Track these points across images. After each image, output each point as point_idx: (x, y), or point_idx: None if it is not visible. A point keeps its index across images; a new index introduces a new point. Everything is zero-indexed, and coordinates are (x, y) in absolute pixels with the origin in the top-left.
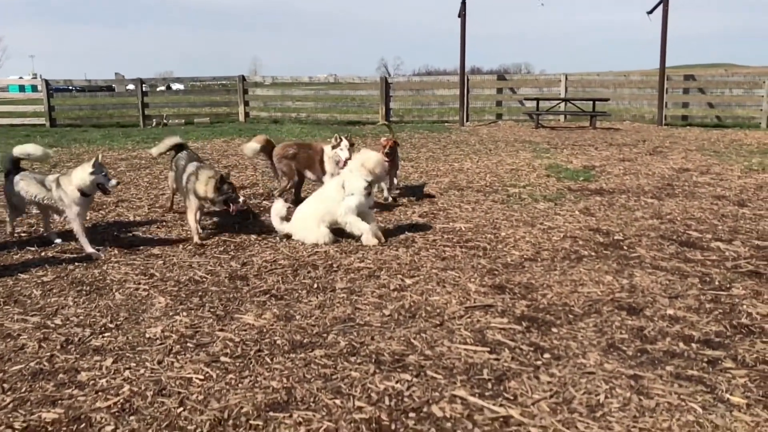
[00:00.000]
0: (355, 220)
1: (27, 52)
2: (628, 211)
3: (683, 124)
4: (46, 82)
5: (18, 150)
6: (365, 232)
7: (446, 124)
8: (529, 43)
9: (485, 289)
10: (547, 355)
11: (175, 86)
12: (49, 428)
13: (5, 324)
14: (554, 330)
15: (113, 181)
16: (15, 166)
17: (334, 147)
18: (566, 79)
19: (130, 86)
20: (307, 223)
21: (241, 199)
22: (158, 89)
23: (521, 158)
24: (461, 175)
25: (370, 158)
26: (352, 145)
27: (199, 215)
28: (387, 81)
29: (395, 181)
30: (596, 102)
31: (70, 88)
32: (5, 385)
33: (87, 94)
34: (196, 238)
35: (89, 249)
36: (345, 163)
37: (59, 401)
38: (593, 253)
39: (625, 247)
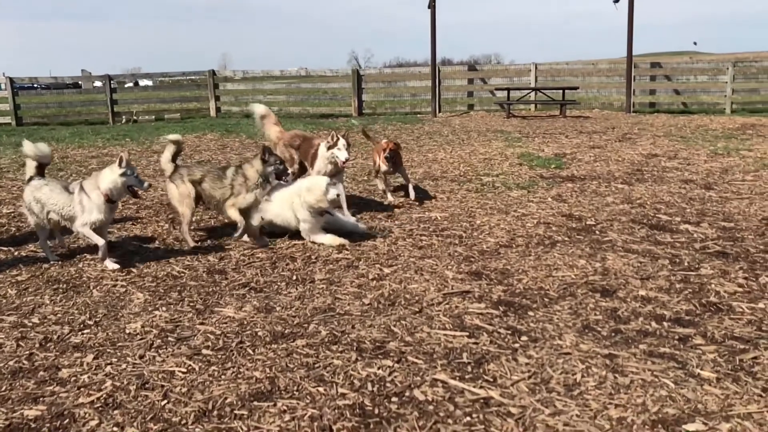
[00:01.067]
0: (310, 230)
1: None
2: (599, 196)
3: (651, 111)
4: (11, 80)
5: (30, 149)
6: (324, 241)
7: (419, 115)
8: (498, 33)
9: (462, 276)
10: (524, 338)
11: (143, 82)
12: (32, 425)
13: None
14: (530, 313)
15: (146, 183)
16: (38, 170)
17: (329, 146)
18: (536, 68)
19: (98, 83)
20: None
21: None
22: (126, 85)
23: (494, 148)
24: (435, 165)
25: (313, 190)
26: (349, 145)
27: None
28: (359, 73)
29: (410, 185)
30: (566, 91)
31: (35, 86)
32: None
33: (53, 92)
34: (191, 243)
35: (111, 265)
36: (344, 164)
37: (41, 398)
38: (566, 239)
39: (597, 232)
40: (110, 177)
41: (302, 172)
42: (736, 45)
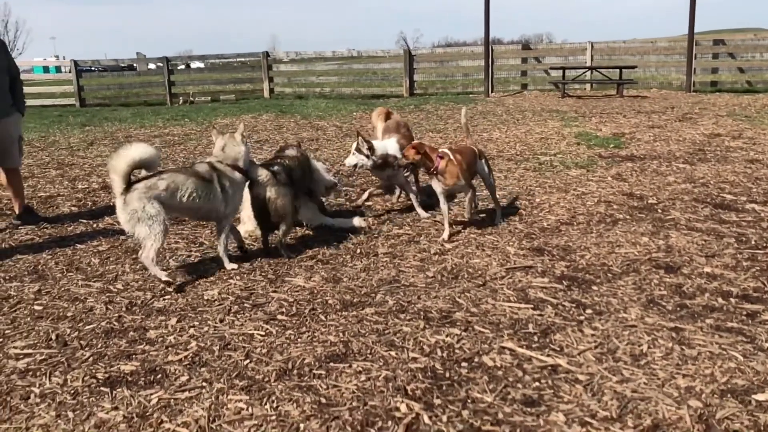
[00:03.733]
0: None
1: (48, 34)
2: (660, 176)
3: (712, 90)
4: (75, 62)
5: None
6: None
7: (471, 95)
8: (550, 12)
9: (524, 252)
10: (589, 311)
11: (195, 64)
12: (129, 378)
13: (72, 289)
14: (594, 288)
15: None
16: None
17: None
18: (592, 47)
19: (152, 65)
20: None
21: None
22: (179, 68)
23: (550, 127)
24: (491, 144)
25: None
26: (364, 149)
27: None
28: (410, 53)
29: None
30: (623, 70)
31: (93, 68)
32: (82, 342)
33: (112, 74)
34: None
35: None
36: (350, 169)
37: (134, 355)
38: (628, 217)
39: (659, 211)
40: (237, 149)
41: None
42: None
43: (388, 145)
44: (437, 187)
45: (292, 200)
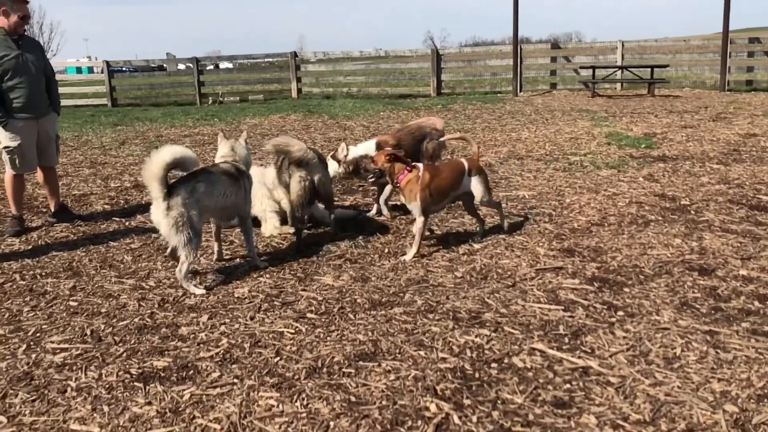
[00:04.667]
0: None
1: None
2: (693, 177)
3: (747, 89)
4: (107, 63)
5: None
6: None
7: (499, 94)
8: (579, 11)
9: (554, 253)
10: (620, 313)
11: (223, 65)
12: (162, 374)
13: (105, 286)
14: (626, 290)
15: None
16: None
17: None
18: (622, 46)
19: (181, 66)
20: None
21: None
22: (207, 68)
23: (580, 127)
24: (520, 144)
25: None
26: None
27: None
28: (438, 53)
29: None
30: (654, 69)
31: (125, 69)
32: (116, 338)
33: (143, 74)
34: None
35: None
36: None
37: (166, 351)
38: (660, 218)
39: (692, 212)
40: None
41: None
42: None
43: (364, 147)
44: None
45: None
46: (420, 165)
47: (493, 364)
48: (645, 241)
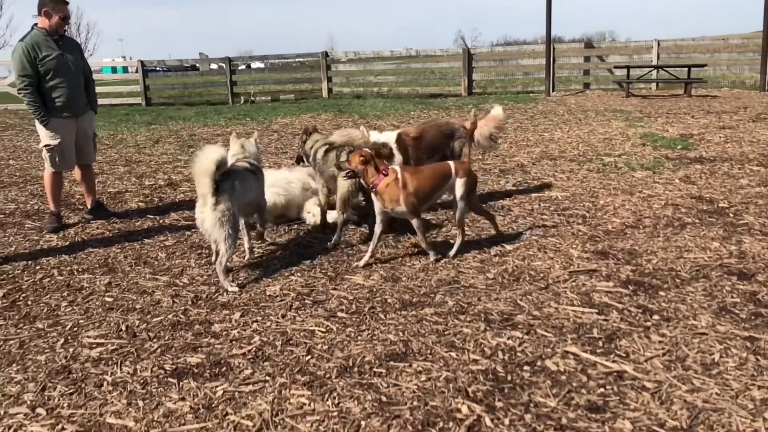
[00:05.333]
0: None
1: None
2: (732, 178)
3: None
4: (142, 63)
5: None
6: None
7: (531, 94)
8: (613, 10)
9: (588, 255)
10: (656, 317)
11: (255, 65)
12: (195, 370)
13: (140, 282)
14: (662, 293)
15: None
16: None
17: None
18: (658, 45)
19: (213, 65)
20: None
21: None
22: (239, 68)
23: (614, 127)
24: (552, 144)
25: None
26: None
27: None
28: (469, 52)
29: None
30: (691, 68)
31: (158, 68)
32: (150, 334)
33: (176, 74)
34: None
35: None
36: None
37: (199, 348)
38: (697, 221)
39: (731, 215)
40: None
41: None
42: None
43: (386, 136)
44: (375, 205)
45: None
46: (397, 168)
47: (526, 367)
48: (681, 244)
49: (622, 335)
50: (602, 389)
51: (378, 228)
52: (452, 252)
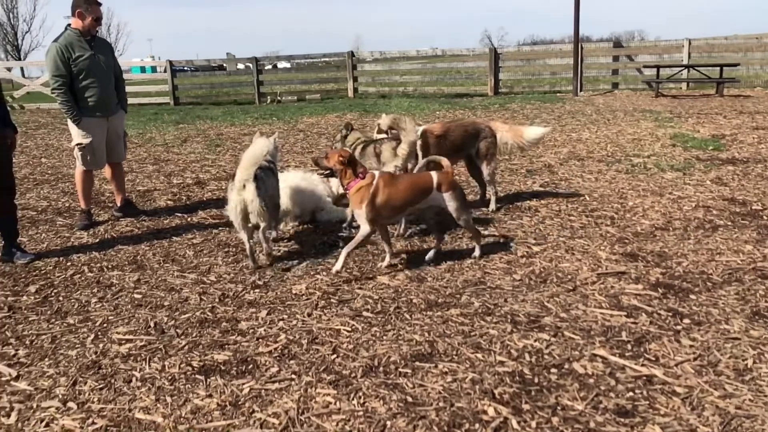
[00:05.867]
0: None
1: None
2: (765, 180)
3: None
4: (170, 63)
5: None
6: None
7: (558, 94)
8: (642, 8)
9: (617, 257)
10: (687, 321)
11: (281, 64)
12: (222, 368)
13: (168, 279)
14: (692, 297)
15: None
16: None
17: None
18: (689, 44)
19: (240, 65)
20: None
21: None
22: (266, 68)
23: (643, 128)
24: (580, 145)
25: None
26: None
27: None
28: (496, 52)
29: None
30: (724, 68)
31: (186, 68)
32: (178, 330)
33: (204, 74)
34: None
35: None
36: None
37: (226, 345)
38: (729, 223)
39: (765, 217)
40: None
41: None
42: None
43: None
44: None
45: None
46: (376, 173)
47: (553, 370)
48: (713, 246)
49: (651, 339)
50: (631, 393)
51: (380, 228)
52: (476, 253)
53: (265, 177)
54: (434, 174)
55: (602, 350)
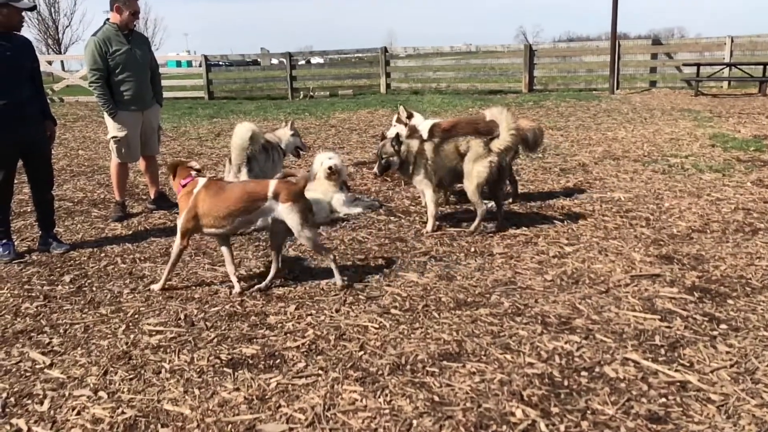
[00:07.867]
0: None
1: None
2: None
3: None
4: (205, 57)
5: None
6: None
7: (594, 92)
8: (681, 6)
9: (651, 259)
10: (723, 326)
11: (315, 60)
12: (250, 361)
13: (198, 272)
14: (730, 302)
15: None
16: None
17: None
18: (732, 42)
19: (274, 60)
20: None
21: None
22: (299, 63)
23: (681, 127)
24: (616, 144)
25: None
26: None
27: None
28: (531, 48)
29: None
30: (767, 66)
31: (221, 63)
32: (208, 323)
33: (238, 69)
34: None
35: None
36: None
37: (254, 339)
38: None
39: None
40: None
41: None
42: None
43: (424, 124)
44: None
45: None
46: (201, 180)
47: (583, 373)
48: (752, 250)
49: (686, 344)
50: (664, 399)
51: (222, 243)
52: (336, 281)
53: (259, 157)
54: (272, 182)
55: (635, 354)
